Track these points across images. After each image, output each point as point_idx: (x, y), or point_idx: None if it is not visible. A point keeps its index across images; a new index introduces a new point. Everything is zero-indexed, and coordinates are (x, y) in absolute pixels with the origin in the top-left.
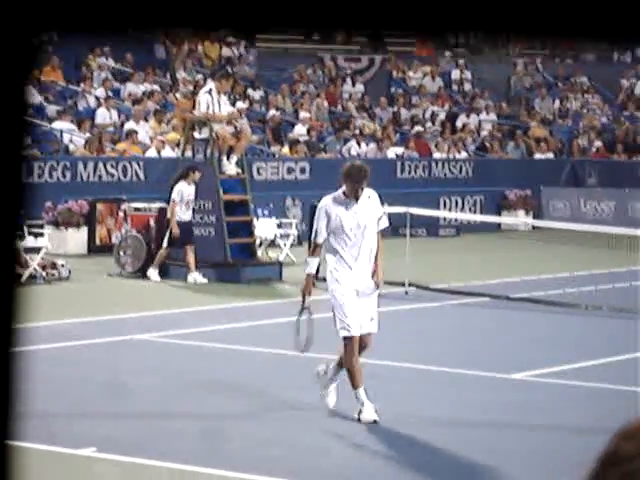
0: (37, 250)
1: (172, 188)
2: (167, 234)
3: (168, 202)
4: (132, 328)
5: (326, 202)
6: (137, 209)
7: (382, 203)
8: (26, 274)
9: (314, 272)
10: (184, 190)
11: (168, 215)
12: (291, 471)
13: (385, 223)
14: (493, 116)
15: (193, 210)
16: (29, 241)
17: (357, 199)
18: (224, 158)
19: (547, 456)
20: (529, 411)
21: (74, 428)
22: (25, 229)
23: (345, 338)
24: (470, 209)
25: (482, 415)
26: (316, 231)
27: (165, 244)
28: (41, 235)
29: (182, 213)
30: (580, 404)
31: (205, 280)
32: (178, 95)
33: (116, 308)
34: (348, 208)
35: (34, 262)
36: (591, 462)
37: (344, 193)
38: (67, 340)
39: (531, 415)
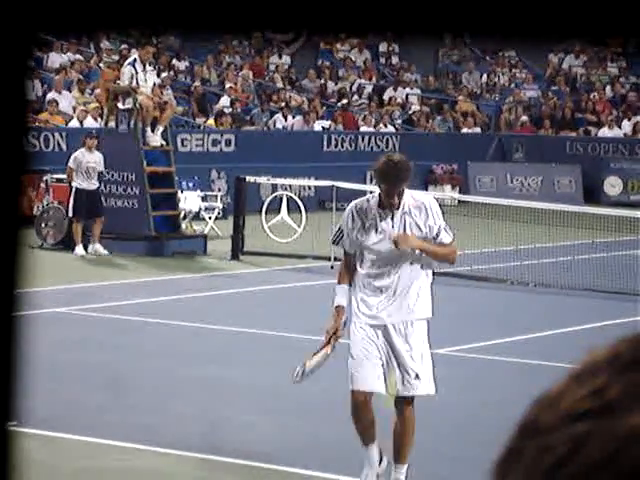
0: None
1: None
2: (70, 204)
3: None
4: (53, 301)
5: (349, 211)
6: (59, 180)
7: (442, 211)
8: None
9: (344, 303)
10: (80, 157)
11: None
12: (212, 447)
13: (445, 239)
14: (420, 90)
15: (100, 180)
16: None
17: (392, 209)
18: (148, 129)
19: (471, 430)
20: (454, 386)
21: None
22: None
23: (351, 390)
24: None
25: None
26: (339, 236)
27: (70, 214)
28: None
29: (83, 181)
30: (505, 379)
31: (106, 252)
32: (102, 65)
33: (37, 280)
34: (378, 222)
35: None
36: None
37: (380, 198)
38: None
39: (456, 390)
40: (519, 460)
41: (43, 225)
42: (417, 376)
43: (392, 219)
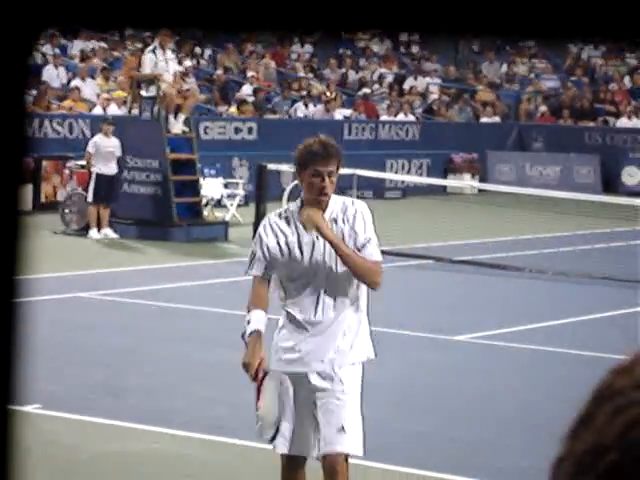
0: None
1: None
2: (90, 188)
3: None
4: (78, 286)
5: (263, 225)
6: (83, 167)
7: (373, 219)
8: None
9: (261, 327)
10: (99, 142)
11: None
12: (233, 431)
13: (374, 256)
14: (440, 79)
15: (121, 166)
16: None
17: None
18: (171, 117)
19: (489, 416)
20: (472, 372)
21: (17, 385)
22: None
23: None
24: (416, 172)
25: (425, 376)
26: (251, 259)
27: (90, 199)
28: None
29: (103, 166)
30: (522, 366)
31: (116, 235)
32: (126, 52)
33: (61, 266)
34: (300, 235)
35: None
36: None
37: (302, 203)
38: None
39: (474, 376)
40: (593, 422)
41: (67, 211)
42: (342, 428)
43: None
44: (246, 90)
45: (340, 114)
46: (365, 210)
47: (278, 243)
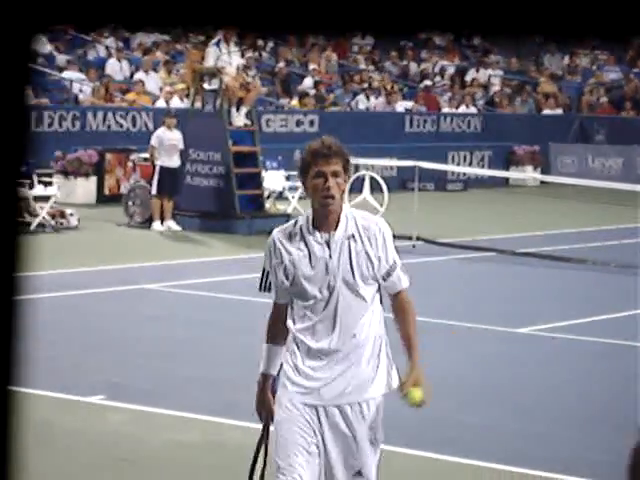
0: (46, 199)
1: None
2: (154, 181)
3: None
4: (141, 278)
5: (271, 242)
6: (146, 159)
7: (393, 235)
8: (35, 222)
9: (272, 370)
10: (162, 135)
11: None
12: None
13: (402, 282)
14: (502, 71)
15: (184, 159)
16: (39, 190)
17: (329, 229)
18: (233, 109)
19: (552, 409)
20: (534, 365)
21: (83, 376)
22: (35, 178)
23: None
24: (478, 164)
25: (487, 368)
26: (264, 279)
27: (154, 191)
28: (50, 184)
29: (166, 159)
30: (584, 358)
31: (179, 228)
32: (188, 45)
33: (124, 258)
34: (311, 249)
35: (43, 211)
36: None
37: (313, 220)
38: (75, 289)
39: (536, 369)
40: None
41: (130, 203)
42: (359, 473)
43: (329, 244)
44: (308, 83)
45: (401, 106)
46: (387, 230)
47: (282, 262)
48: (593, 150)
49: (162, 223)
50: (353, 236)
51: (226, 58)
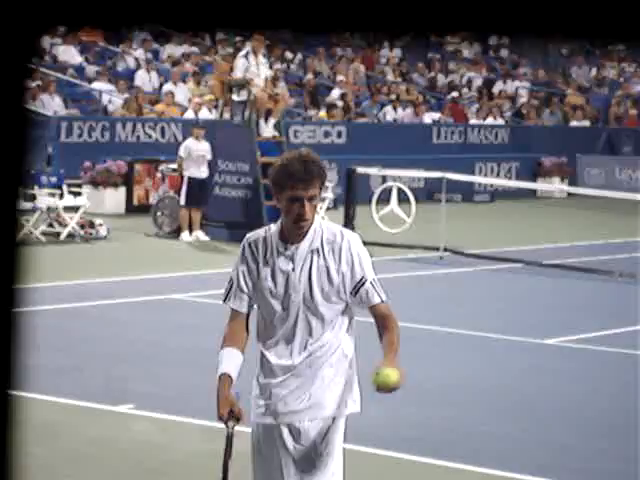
0: (76, 209)
1: None
2: (183, 192)
3: None
4: (169, 288)
5: (241, 248)
6: (174, 170)
7: (370, 253)
8: (65, 232)
9: (231, 370)
10: (190, 146)
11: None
12: None
13: (374, 297)
14: (529, 83)
15: (212, 170)
16: (68, 200)
17: (296, 241)
18: (262, 121)
19: (579, 420)
20: (562, 376)
21: (112, 385)
22: (65, 188)
23: None
24: (505, 175)
25: (514, 379)
26: (229, 287)
27: (183, 202)
28: (80, 194)
29: (194, 170)
30: (612, 370)
31: (207, 238)
32: (217, 57)
33: (153, 268)
34: (276, 261)
35: (73, 221)
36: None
37: (281, 228)
38: (104, 299)
39: (564, 380)
40: None
41: (159, 214)
42: None
43: (292, 258)
44: (335, 94)
45: (429, 118)
46: (356, 243)
47: (249, 270)
48: (620, 162)
49: (190, 233)
50: (317, 250)
51: (255, 69)
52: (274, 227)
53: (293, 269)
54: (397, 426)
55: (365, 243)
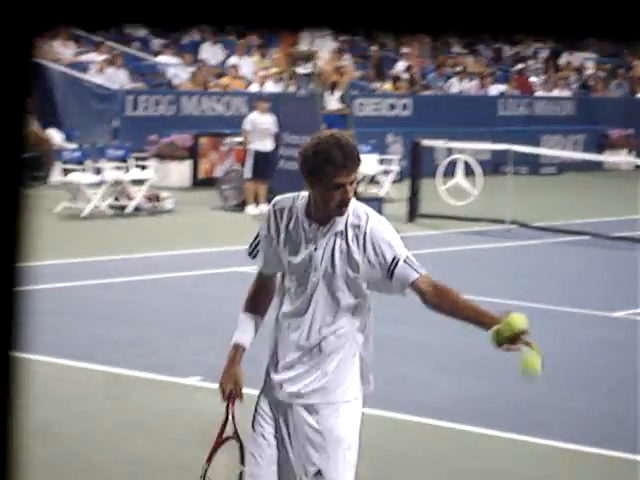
0: (142, 182)
1: None
2: (248, 165)
3: None
4: (234, 260)
5: (268, 210)
6: (240, 143)
7: (398, 238)
8: (131, 205)
9: (244, 341)
10: (254, 119)
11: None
12: (386, 404)
13: (411, 274)
14: (596, 54)
15: (276, 144)
16: (135, 173)
17: (322, 222)
18: (327, 93)
19: None
20: (629, 349)
21: (180, 357)
22: (132, 161)
23: None
24: (572, 147)
25: (582, 352)
26: (254, 244)
27: (248, 175)
28: (146, 167)
29: (259, 143)
30: None
31: None
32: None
33: (219, 241)
34: (302, 236)
35: (139, 194)
36: None
37: (308, 202)
38: (170, 271)
39: (630, 353)
40: None
41: (225, 187)
42: (319, 473)
43: (315, 239)
44: (401, 66)
45: (495, 90)
46: (381, 226)
47: (273, 237)
48: None
49: (256, 206)
50: (342, 233)
51: (320, 42)
52: (302, 198)
53: (315, 249)
54: (465, 399)
55: (430, 216)
